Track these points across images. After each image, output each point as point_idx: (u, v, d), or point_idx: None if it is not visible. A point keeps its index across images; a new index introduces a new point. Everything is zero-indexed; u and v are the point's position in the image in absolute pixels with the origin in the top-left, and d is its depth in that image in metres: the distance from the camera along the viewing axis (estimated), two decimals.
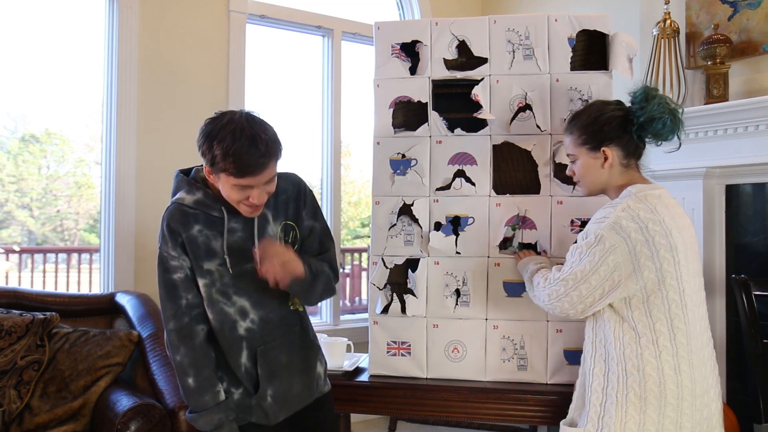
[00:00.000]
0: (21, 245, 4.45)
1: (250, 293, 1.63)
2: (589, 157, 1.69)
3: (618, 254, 1.53)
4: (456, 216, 2.11)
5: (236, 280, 1.61)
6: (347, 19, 3.88)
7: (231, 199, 1.55)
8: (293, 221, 1.72)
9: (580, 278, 1.58)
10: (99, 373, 2.37)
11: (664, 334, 1.53)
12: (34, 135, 3.95)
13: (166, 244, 1.58)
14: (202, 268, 1.59)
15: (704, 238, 2.97)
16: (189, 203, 1.59)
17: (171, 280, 1.58)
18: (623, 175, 1.69)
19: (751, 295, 2.46)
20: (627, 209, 1.56)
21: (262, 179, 1.52)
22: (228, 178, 1.49)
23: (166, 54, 3.23)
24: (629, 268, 1.53)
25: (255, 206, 1.56)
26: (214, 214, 1.59)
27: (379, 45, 2.20)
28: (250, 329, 1.63)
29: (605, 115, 1.68)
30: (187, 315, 1.58)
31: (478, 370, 2.08)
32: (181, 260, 1.58)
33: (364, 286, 6.19)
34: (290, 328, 1.71)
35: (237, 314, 1.62)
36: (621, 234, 1.53)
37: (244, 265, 1.61)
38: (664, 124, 1.61)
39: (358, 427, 3.58)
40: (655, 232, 1.54)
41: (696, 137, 2.94)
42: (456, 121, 2.14)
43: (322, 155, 3.84)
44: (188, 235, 1.57)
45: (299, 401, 1.72)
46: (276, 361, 1.66)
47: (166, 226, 1.58)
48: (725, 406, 2.81)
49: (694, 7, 3.11)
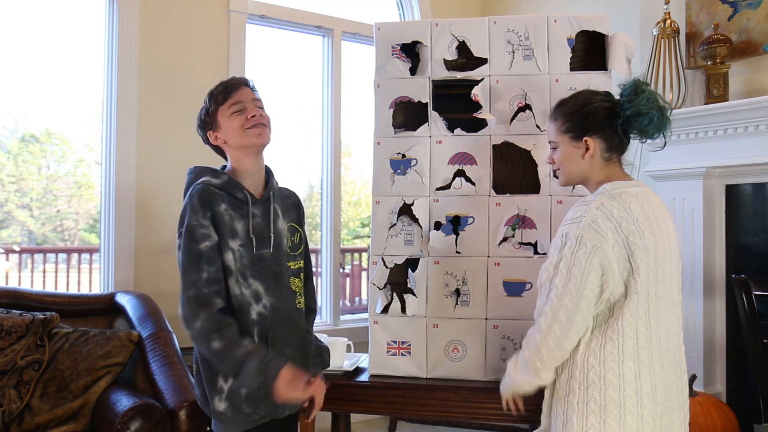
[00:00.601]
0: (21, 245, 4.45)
1: (265, 278, 1.67)
2: (571, 146, 1.63)
3: (601, 254, 1.47)
4: (456, 216, 2.11)
5: (254, 262, 1.66)
6: (347, 19, 3.88)
7: (236, 129, 1.68)
8: (296, 224, 1.83)
9: (576, 297, 1.47)
10: (99, 373, 2.37)
11: (631, 339, 1.48)
12: (34, 135, 3.95)
13: (196, 215, 1.60)
14: (228, 244, 1.62)
15: (704, 238, 2.98)
16: (216, 184, 1.67)
17: (197, 249, 1.58)
18: (603, 168, 1.62)
19: (751, 295, 2.46)
20: (601, 207, 1.50)
21: (247, 94, 1.71)
22: (222, 109, 1.69)
23: (166, 54, 3.23)
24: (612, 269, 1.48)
25: (258, 121, 1.69)
26: (238, 196, 1.68)
27: (380, 45, 2.20)
28: (262, 314, 1.65)
29: (591, 105, 1.62)
30: (206, 287, 1.57)
31: (478, 369, 2.08)
32: (210, 230, 1.60)
33: (364, 286, 6.19)
34: (296, 323, 1.74)
35: (251, 297, 1.64)
36: (600, 233, 1.47)
37: (263, 250, 1.68)
38: (650, 120, 1.56)
39: (358, 427, 3.58)
40: (629, 232, 1.49)
41: (696, 137, 2.94)
42: (456, 121, 2.14)
43: (322, 155, 3.84)
44: (217, 210, 1.63)
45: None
46: (281, 353, 1.65)
47: (198, 199, 1.62)
48: (725, 406, 2.81)
49: (694, 7, 3.11)
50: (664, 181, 3.10)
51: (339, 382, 2.06)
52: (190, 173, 1.74)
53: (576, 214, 1.53)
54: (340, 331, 3.63)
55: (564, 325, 1.48)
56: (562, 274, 1.50)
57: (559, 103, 1.70)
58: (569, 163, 1.65)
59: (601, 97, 1.65)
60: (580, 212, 1.52)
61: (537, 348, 1.53)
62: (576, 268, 1.48)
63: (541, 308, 1.54)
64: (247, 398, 1.60)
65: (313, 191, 4.24)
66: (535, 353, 1.54)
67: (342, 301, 5.40)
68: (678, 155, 3.02)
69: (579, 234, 1.48)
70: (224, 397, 1.60)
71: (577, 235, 1.48)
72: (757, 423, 2.61)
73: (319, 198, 3.92)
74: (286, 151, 3.91)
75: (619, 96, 1.63)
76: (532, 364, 1.55)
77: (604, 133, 1.60)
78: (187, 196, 1.66)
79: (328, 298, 3.81)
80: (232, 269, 1.62)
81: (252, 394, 1.59)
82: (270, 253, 1.69)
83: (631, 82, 1.60)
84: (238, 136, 1.69)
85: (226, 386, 1.60)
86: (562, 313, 1.48)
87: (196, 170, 1.73)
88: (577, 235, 1.48)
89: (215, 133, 1.73)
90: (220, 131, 1.72)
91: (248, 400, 1.60)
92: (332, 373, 2.09)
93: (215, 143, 1.75)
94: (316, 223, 3.97)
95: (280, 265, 1.71)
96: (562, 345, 1.50)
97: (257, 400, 1.60)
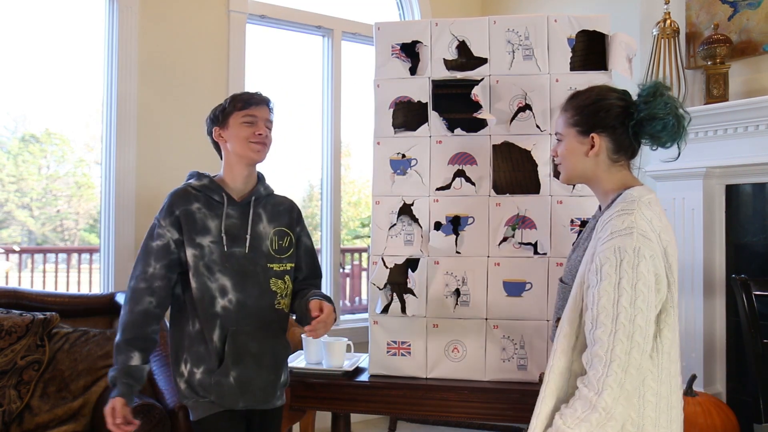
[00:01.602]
0: (21, 245, 4.45)
1: (233, 275, 1.76)
2: (576, 141, 1.52)
3: (657, 264, 1.36)
4: (456, 216, 2.11)
5: (224, 259, 1.75)
6: (347, 19, 3.87)
7: (240, 138, 1.78)
8: (287, 229, 1.88)
9: (647, 314, 1.33)
10: (99, 373, 2.37)
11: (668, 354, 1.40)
12: (34, 135, 3.95)
13: (161, 215, 1.77)
14: (194, 240, 1.75)
15: (704, 238, 2.97)
16: (195, 186, 1.81)
17: (150, 245, 1.76)
18: (611, 171, 1.52)
19: (751, 295, 2.46)
20: (643, 218, 1.39)
21: (264, 113, 1.82)
22: (237, 115, 1.79)
23: (166, 54, 3.23)
24: (662, 280, 1.37)
25: (262, 140, 1.80)
26: (215, 198, 1.80)
27: (380, 45, 2.20)
28: (226, 308, 1.74)
29: (605, 101, 1.50)
30: (146, 282, 1.73)
31: (478, 370, 2.08)
32: (166, 230, 1.75)
33: (364, 286, 6.19)
34: (267, 322, 1.80)
35: (217, 291, 1.74)
36: (653, 241, 1.36)
37: (235, 248, 1.77)
38: (664, 126, 1.45)
39: (358, 427, 3.58)
40: (667, 243, 1.40)
41: (696, 137, 2.94)
42: (456, 121, 2.14)
43: (322, 155, 3.83)
44: (186, 209, 1.76)
45: (262, 396, 1.78)
46: (244, 348, 1.75)
47: (168, 200, 1.78)
48: (725, 406, 2.81)
49: (694, 7, 3.11)
50: (664, 181, 3.10)
51: (339, 382, 2.06)
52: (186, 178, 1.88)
53: (623, 225, 1.38)
54: (340, 331, 3.63)
55: (642, 347, 1.32)
56: (627, 292, 1.33)
57: (572, 95, 1.59)
58: (572, 158, 1.54)
59: (617, 94, 1.53)
60: (626, 223, 1.38)
61: (621, 385, 1.29)
62: (641, 282, 1.33)
63: (613, 340, 1.32)
64: (199, 382, 1.73)
65: (313, 191, 4.24)
66: (616, 388, 1.29)
67: (342, 301, 5.40)
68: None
69: (636, 246, 1.34)
70: (184, 380, 1.76)
71: (635, 247, 1.34)
72: (757, 423, 2.61)
73: (319, 198, 3.92)
74: (286, 151, 3.92)
75: (636, 96, 1.52)
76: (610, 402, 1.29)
77: (614, 132, 1.49)
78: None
79: None
80: (190, 264, 1.73)
81: (203, 380, 1.73)
82: (244, 252, 1.78)
83: (651, 83, 1.49)
84: (240, 145, 1.80)
85: (186, 370, 1.76)
86: (638, 334, 1.31)
87: (189, 175, 1.87)
88: (634, 247, 1.34)
89: (221, 130, 1.83)
90: (226, 131, 1.82)
91: (200, 384, 1.73)
92: (332, 373, 2.09)
93: (216, 139, 1.85)
94: (316, 223, 3.97)
95: (255, 265, 1.79)
96: (643, 372, 1.34)
97: (208, 386, 1.73)
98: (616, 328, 1.31)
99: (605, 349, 1.31)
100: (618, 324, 1.31)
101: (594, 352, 1.33)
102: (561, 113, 1.58)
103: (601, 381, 1.30)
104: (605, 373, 1.30)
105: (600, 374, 1.30)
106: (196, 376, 1.74)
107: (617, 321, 1.32)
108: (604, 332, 1.32)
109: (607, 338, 1.31)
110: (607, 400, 1.29)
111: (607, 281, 1.34)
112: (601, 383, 1.30)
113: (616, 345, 1.30)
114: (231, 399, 1.73)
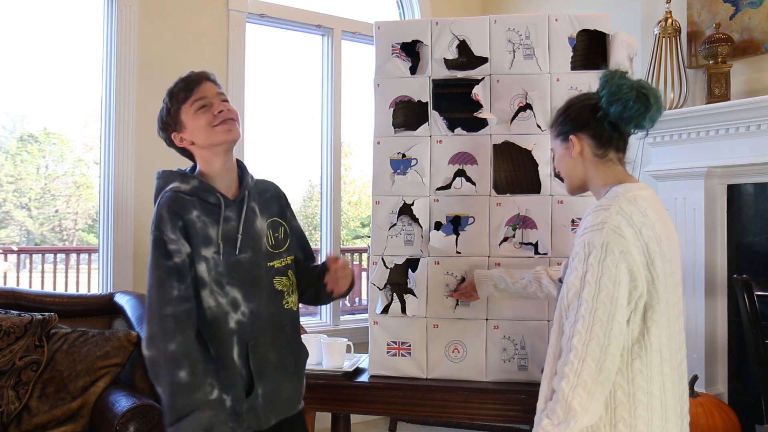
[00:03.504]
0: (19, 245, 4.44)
1: (241, 284, 1.58)
2: (562, 149, 1.58)
3: (629, 259, 1.36)
4: (456, 216, 2.10)
5: (229, 269, 1.57)
6: (347, 18, 3.87)
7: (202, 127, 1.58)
8: (279, 218, 1.73)
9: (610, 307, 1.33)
10: (98, 373, 2.36)
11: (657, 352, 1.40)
12: (33, 135, 3.94)
13: (164, 227, 1.51)
14: (200, 254, 1.53)
15: (706, 238, 2.97)
16: (186, 190, 1.57)
17: (170, 264, 1.49)
18: (602, 169, 1.54)
19: (753, 295, 2.45)
20: (620, 212, 1.40)
21: (211, 89, 1.61)
22: (185, 108, 1.59)
23: (165, 53, 3.22)
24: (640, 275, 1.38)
25: (226, 116, 1.59)
26: (210, 201, 1.58)
27: (380, 45, 2.19)
28: (241, 322, 1.56)
29: (574, 105, 1.57)
30: (173, 307, 1.48)
31: (478, 370, 2.07)
32: (180, 244, 1.51)
33: (364, 286, 6.18)
34: (280, 326, 1.65)
35: (229, 305, 1.56)
36: (625, 237, 1.37)
37: (238, 255, 1.58)
38: (624, 106, 1.46)
39: (358, 427, 3.57)
40: (649, 239, 1.40)
41: (697, 137, 2.93)
42: (456, 121, 2.13)
43: (322, 155, 3.83)
44: (188, 218, 1.53)
45: (290, 406, 1.66)
46: (264, 359, 1.59)
47: (167, 209, 1.52)
48: (727, 407, 2.80)
49: (695, 6, 3.10)
50: (665, 180, 3.09)
51: (339, 382, 2.05)
52: (158, 178, 1.64)
53: (596, 221, 1.40)
54: (340, 332, 3.62)
55: (602, 341, 1.33)
56: (590, 285, 1.36)
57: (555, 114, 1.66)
58: (564, 165, 1.59)
59: (585, 95, 1.60)
60: (600, 218, 1.40)
61: (578, 375, 1.32)
62: (606, 276, 1.35)
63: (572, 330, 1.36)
64: (230, 412, 1.53)
65: (313, 191, 4.23)
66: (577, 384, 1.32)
67: (342, 301, 5.40)
68: (679, 155, 3.01)
69: (603, 241, 1.37)
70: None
71: (602, 243, 1.37)
72: (759, 424, 2.60)
73: (319, 198, 3.91)
74: (286, 151, 3.91)
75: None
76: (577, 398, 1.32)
77: (590, 128, 1.53)
78: (156, 205, 1.56)
79: None
80: (206, 280, 1.53)
81: (234, 407, 1.53)
82: (247, 257, 1.59)
83: (603, 72, 1.54)
84: (206, 135, 1.58)
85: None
86: (598, 327, 1.33)
87: (164, 175, 1.63)
88: (602, 242, 1.37)
89: (180, 134, 1.62)
90: (185, 131, 1.61)
91: (231, 413, 1.53)
92: (332, 373, 2.08)
93: (180, 145, 1.63)
94: (316, 223, 3.96)
95: (259, 268, 1.62)
96: (605, 364, 1.33)
97: (239, 415, 1.54)
98: (576, 318, 1.36)
99: (566, 338, 1.37)
100: (578, 315, 1.36)
101: (561, 342, 1.39)
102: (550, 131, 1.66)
103: (561, 368, 1.35)
104: (564, 361, 1.35)
105: (561, 362, 1.36)
106: (226, 404, 1.52)
107: (578, 312, 1.36)
108: (568, 322, 1.38)
109: (569, 328, 1.37)
110: (564, 389, 1.34)
111: (574, 274, 1.39)
112: (562, 371, 1.35)
113: (574, 335, 1.35)
114: (264, 419, 1.58)
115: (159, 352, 1.45)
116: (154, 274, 1.50)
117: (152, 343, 1.47)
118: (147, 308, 1.50)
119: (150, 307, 1.49)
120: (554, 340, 1.47)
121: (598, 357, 1.32)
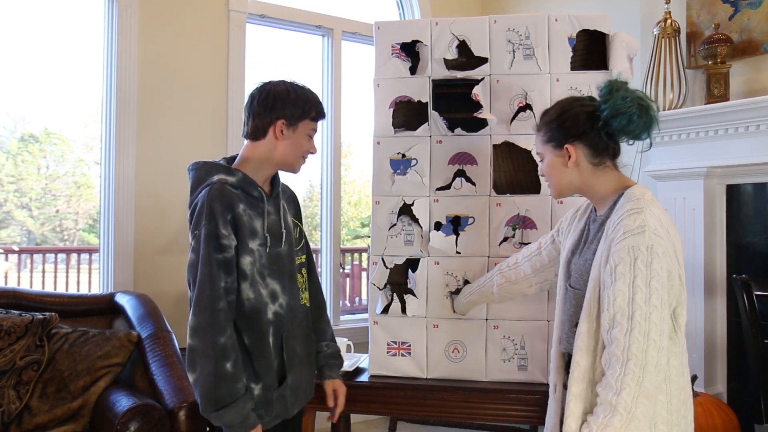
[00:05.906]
0: (20, 245, 4.45)
1: (281, 276, 1.65)
2: (554, 156, 1.55)
3: (669, 260, 1.36)
4: (456, 216, 2.11)
5: (272, 261, 1.63)
6: (347, 18, 3.87)
7: (298, 148, 1.68)
8: (297, 219, 1.82)
9: (662, 311, 1.32)
10: (98, 373, 2.36)
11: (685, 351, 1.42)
12: (34, 135, 3.94)
13: (215, 221, 1.53)
14: (247, 246, 1.58)
15: (705, 238, 2.97)
16: (232, 183, 1.60)
17: (220, 258, 1.53)
18: (599, 175, 1.53)
19: (752, 295, 2.46)
20: (653, 214, 1.39)
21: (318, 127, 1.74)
22: (307, 123, 1.67)
23: (165, 54, 3.23)
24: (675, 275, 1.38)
25: (308, 157, 1.73)
26: (254, 194, 1.63)
27: (379, 45, 2.20)
28: (278, 314, 1.63)
29: (570, 111, 1.53)
30: (223, 300, 1.53)
31: (478, 370, 2.07)
32: (230, 239, 1.55)
33: (364, 286, 6.19)
34: (303, 319, 1.74)
35: (268, 297, 1.62)
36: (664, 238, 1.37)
37: (278, 248, 1.65)
38: (629, 120, 1.45)
39: (358, 427, 3.58)
40: (674, 237, 1.40)
41: (697, 137, 2.93)
42: (456, 121, 2.14)
43: (322, 155, 3.83)
44: (237, 212, 1.57)
45: (305, 396, 1.75)
46: (293, 351, 1.67)
47: (219, 203, 1.54)
48: (726, 406, 2.80)
49: (694, 7, 3.11)
50: (664, 181, 3.09)
51: None
52: (194, 169, 1.65)
53: (634, 225, 1.38)
54: (340, 332, 3.62)
55: (658, 344, 1.32)
56: (641, 290, 1.33)
57: (543, 113, 1.63)
58: (555, 173, 1.56)
59: (581, 102, 1.56)
60: (638, 222, 1.38)
61: (640, 384, 1.29)
62: (655, 280, 1.34)
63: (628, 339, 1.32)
64: (258, 400, 1.59)
65: (313, 191, 4.23)
66: (640, 393, 1.30)
67: (342, 301, 5.40)
68: (679, 155, 3.01)
69: (648, 244, 1.35)
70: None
71: (647, 245, 1.35)
72: (758, 423, 2.61)
73: (319, 198, 3.91)
74: None
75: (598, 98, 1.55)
76: (641, 407, 1.30)
77: (586, 138, 1.51)
78: (202, 196, 1.56)
79: (328, 298, 3.80)
80: (248, 273, 1.57)
81: (264, 396, 1.60)
82: (285, 250, 1.67)
83: (606, 82, 1.52)
84: (294, 156, 1.69)
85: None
86: (654, 331, 1.32)
87: (205, 167, 1.63)
88: (647, 245, 1.35)
89: (287, 128, 1.65)
90: (288, 134, 1.65)
91: (260, 402, 1.59)
92: None
93: (274, 132, 1.64)
94: (316, 223, 3.96)
95: (293, 262, 1.71)
96: (662, 366, 1.33)
97: (268, 402, 1.60)
98: (632, 326, 1.32)
99: (621, 348, 1.32)
100: (634, 322, 1.32)
101: (611, 351, 1.34)
102: (536, 133, 1.62)
103: (618, 380, 1.31)
104: (622, 372, 1.30)
105: (617, 374, 1.31)
106: (255, 392, 1.59)
107: (633, 319, 1.32)
108: (620, 331, 1.33)
109: (623, 337, 1.32)
110: (626, 399, 1.29)
111: (621, 281, 1.34)
112: (619, 383, 1.30)
113: (632, 343, 1.31)
114: (291, 408, 1.67)
115: (205, 343, 1.49)
116: (206, 268, 1.52)
117: (198, 334, 1.50)
118: (196, 300, 1.52)
119: (201, 300, 1.51)
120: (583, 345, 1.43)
121: (656, 361, 1.31)
